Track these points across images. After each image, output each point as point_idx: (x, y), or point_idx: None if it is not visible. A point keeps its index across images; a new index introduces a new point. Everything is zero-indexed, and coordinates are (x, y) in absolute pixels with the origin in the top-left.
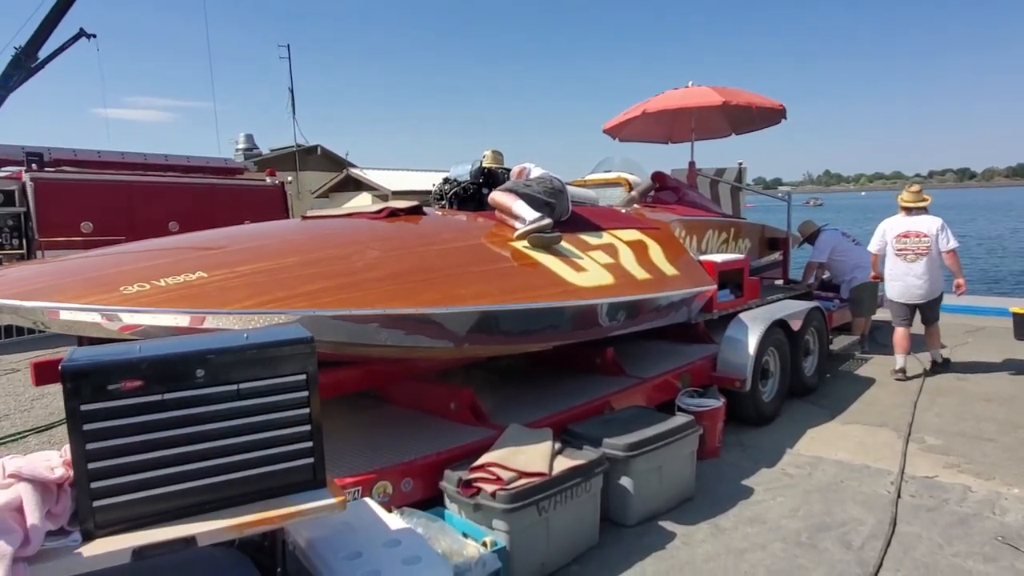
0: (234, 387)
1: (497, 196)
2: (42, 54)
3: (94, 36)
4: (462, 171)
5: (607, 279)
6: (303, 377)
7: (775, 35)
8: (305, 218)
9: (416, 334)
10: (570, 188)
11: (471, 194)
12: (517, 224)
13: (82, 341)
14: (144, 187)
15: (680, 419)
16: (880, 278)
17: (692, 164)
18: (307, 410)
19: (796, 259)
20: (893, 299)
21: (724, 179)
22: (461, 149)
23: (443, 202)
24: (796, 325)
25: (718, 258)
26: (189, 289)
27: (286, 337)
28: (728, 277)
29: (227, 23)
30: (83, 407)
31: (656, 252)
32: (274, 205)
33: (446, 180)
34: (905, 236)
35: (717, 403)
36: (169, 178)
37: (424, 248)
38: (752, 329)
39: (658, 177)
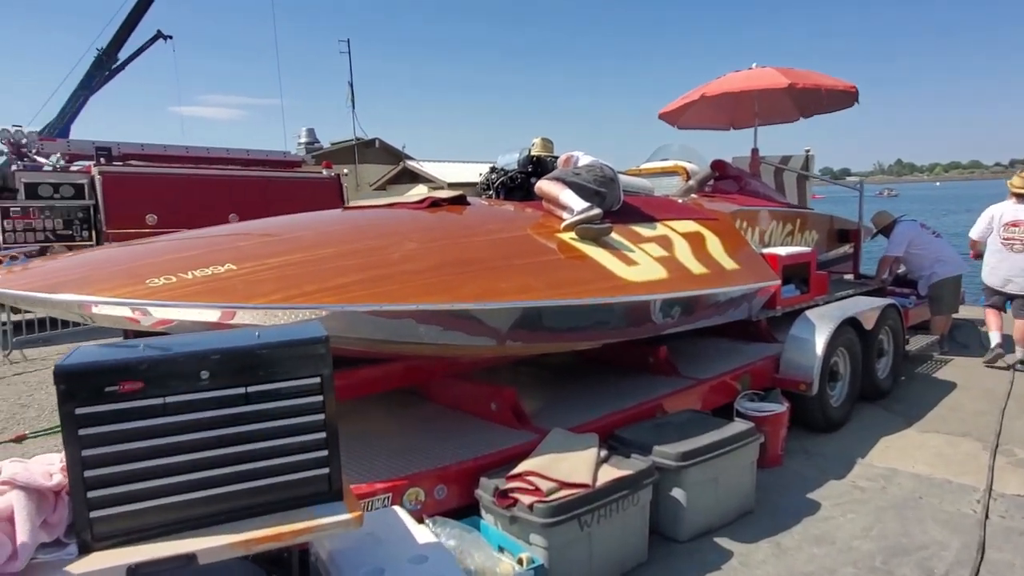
0: (242, 390)
1: (544, 185)
2: (122, 55)
3: (171, 37)
4: (510, 160)
5: (660, 273)
6: (317, 380)
7: (841, 16)
8: (346, 209)
9: (454, 330)
10: (622, 177)
11: (519, 183)
12: (564, 214)
13: (127, 334)
14: (205, 180)
15: (739, 425)
16: (979, 256)
17: (755, 151)
18: (322, 416)
19: (869, 253)
20: (990, 285)
21: (790, 167)
22: (517, 141)
23: (490, 192)
24: (869, 323)
25: (782, 251)
26: (216, 282)
27: (299, 336)
28: (793, 271)
29: (296, 22)
30: (78, 410)
31: (714, 244)
32: (331, 197)
33: (493, 169)
34: (1014, 225)
35: (780, 408)
36: (229, 171)
37: (466, 240)
38: (820, 327)
39: (718, 165)
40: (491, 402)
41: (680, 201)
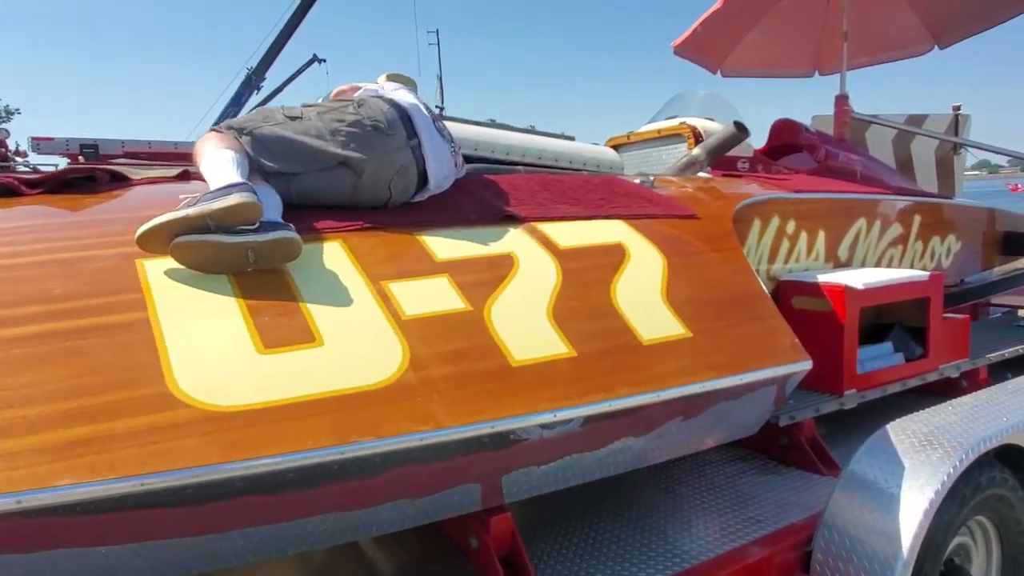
0: None
1: (199, 143)
2: (280, 79)
3: (324, 61)
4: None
5: (388, 361)
6: None
7: None
8: None
9: None
10: (504, 135)
11: None
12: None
13: None
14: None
15: None
16: None
17: (841, 99)
18: None
19: None
20: None
21: (923, 131)
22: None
23: None
24: None
25: (855, 278)
26: None
27: None
28: (892, 315)
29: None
30: None
31: (644, 276)
32: None
33: None
34: None
35: None
36: None
37: None
38: (915, 472)
39: (783, 129)
40: None
41: (638, 182)
